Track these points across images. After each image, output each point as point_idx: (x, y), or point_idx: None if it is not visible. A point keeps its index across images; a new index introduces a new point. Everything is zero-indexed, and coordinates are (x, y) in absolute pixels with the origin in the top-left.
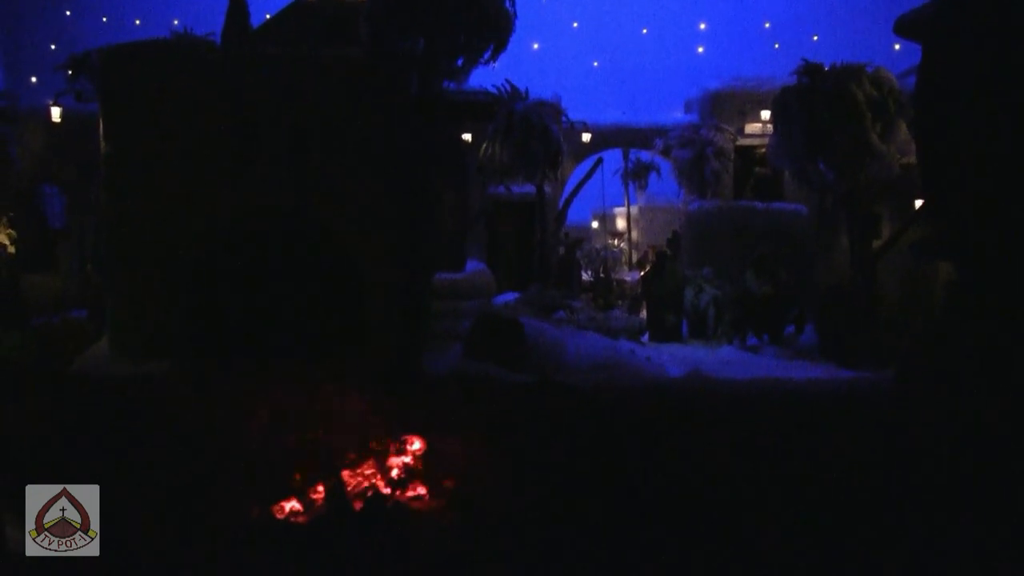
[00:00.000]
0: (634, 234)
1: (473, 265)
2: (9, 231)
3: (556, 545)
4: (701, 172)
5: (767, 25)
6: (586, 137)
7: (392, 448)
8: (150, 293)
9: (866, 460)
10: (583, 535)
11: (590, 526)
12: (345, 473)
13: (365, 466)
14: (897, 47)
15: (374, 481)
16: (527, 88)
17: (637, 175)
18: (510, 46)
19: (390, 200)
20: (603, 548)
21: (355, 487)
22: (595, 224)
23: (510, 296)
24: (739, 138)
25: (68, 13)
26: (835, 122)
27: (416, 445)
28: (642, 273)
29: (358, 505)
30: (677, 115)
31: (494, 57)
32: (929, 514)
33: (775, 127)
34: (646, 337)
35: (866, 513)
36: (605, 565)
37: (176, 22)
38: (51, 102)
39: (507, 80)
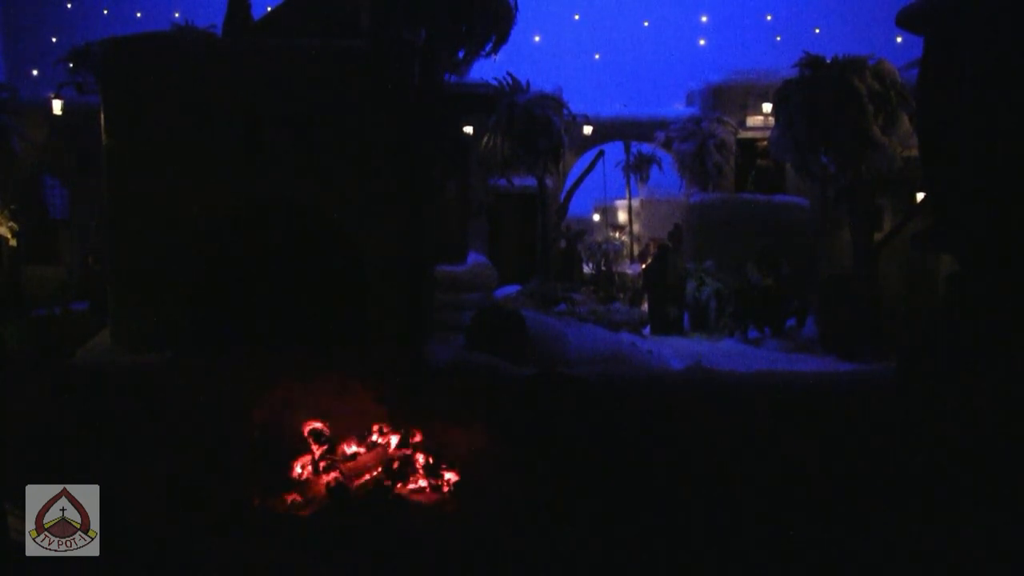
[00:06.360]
0: (635, 227)
1: (475, 257)
2: (11, 223)
3: (558, 535)
4: (703, 165)
5: (768, 18)
6: (587, 130)
7: (393, 440)
8: (152, 285)
9: (868, 452)
10: (585, 525)
11: (592, 516)
12: (346, 465)
13: (366, 458)
14: (899, 39)
15: (375, 473)
16: (528, 80)
17: (638, 168)
18: (511, 38)
19: (392, 192)
20: (605, 537)
21: (356, 479)
22: (596, 217)
23: (512, 288)
24: (740, 131)
25: (69, 6)
26: (837, 115)
27: (417, 438)
28: (643, 266)
29: (359, 497)
30: (678, 108)
31: (495, 49)
32: (930, 506)
33: (777, 120)
34: (648, 330)
35: (867, 504)
36: (606, 554)
37: (177, 15)
38: (52, 94)
39: (508, 73)
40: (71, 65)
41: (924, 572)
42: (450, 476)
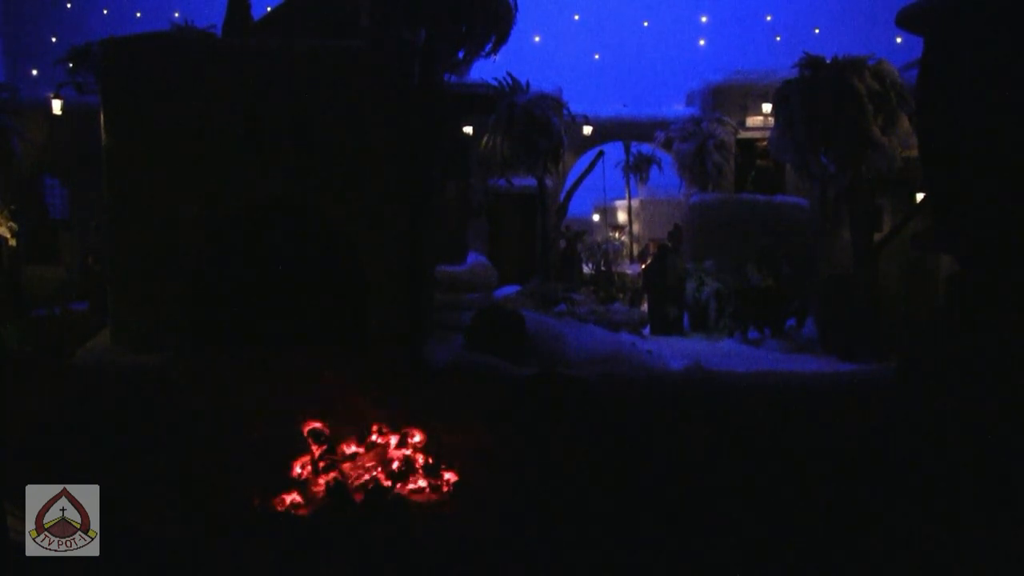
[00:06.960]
0: (635, 227)
1: (474, 258)
2: (11, 223)
3: (557, 535)
4: (702, 165)
5: (768, 18)
6: (587, 130)
7: (393, 440)
8: (151, 285)
9: (868, 452)
10: (584, 525)
11: (591, 516)
12: (346, 465)
13: (366, 458)
14: (899, 40)
15: (375, 473)
16: (528, 81)
17: (638, 168)
18: (511, 38)
19: (392, 192)
20: (603, 537)
21: (356, 479)
22: (596, 217)
23: (511, 289)
24: (740, 131)
25: (69, 6)
26: (836, 115)
27: (417, 438)
28: (643, 266)
29: (359, 498)
30: (678, 108)
31: (495, 50)
32: (930, 506)
33: (776, 120)
34: (647, 330)
35: (867, 504)
36: (606, 553)
37: (177, 14)
38: (52, 94)
39: (508, 73)
40: (71, 65)
41: (925, 572)
42: (450, 476)
